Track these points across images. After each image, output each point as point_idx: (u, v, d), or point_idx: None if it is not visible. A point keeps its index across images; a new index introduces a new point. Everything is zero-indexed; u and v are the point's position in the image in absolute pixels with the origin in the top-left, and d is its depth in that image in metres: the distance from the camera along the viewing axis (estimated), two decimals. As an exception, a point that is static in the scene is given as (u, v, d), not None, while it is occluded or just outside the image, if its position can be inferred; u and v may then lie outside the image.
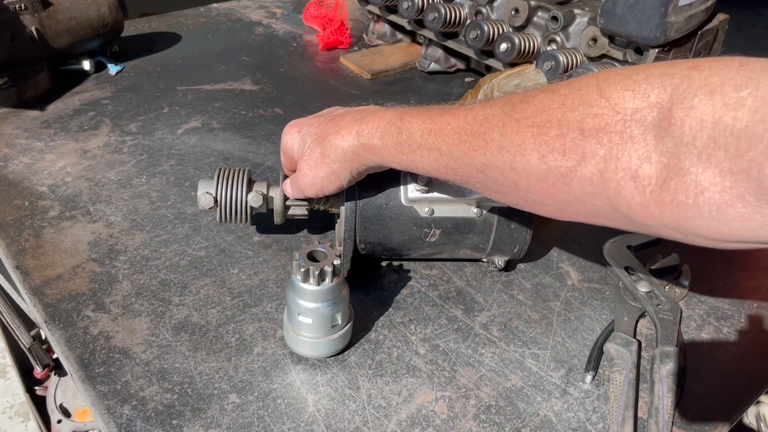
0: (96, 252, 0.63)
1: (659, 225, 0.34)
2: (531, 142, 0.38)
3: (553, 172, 0.37)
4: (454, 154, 0.43)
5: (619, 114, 0.34)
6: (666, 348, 0.54)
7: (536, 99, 0.39)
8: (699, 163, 0.31)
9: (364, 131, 0.48)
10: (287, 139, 0.55)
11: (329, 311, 0.49)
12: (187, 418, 0.47)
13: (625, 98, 0.34)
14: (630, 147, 0.34)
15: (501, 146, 0.39)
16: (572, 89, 0.37)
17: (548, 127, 0.37)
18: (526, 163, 0.38)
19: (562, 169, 0.37)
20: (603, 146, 0.35)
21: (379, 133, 0.47)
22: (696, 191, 0.31)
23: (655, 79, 0.34)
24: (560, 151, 0.36)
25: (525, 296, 0.61)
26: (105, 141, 0.81)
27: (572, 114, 0.36)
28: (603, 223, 0.40)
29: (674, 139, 0.32)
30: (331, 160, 0.50)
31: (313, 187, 0.53)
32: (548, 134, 0.37)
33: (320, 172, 0.51)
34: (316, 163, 0.51)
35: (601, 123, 0.35)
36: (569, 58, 0.80)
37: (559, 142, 0.36)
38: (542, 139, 0.37)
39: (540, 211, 0.42)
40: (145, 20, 1.19)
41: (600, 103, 0.35)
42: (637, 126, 0.33)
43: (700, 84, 0.31)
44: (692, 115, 0.31)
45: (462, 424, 0.49)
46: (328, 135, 0.50)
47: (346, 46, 1.13)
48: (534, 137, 0.38)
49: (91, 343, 0.53)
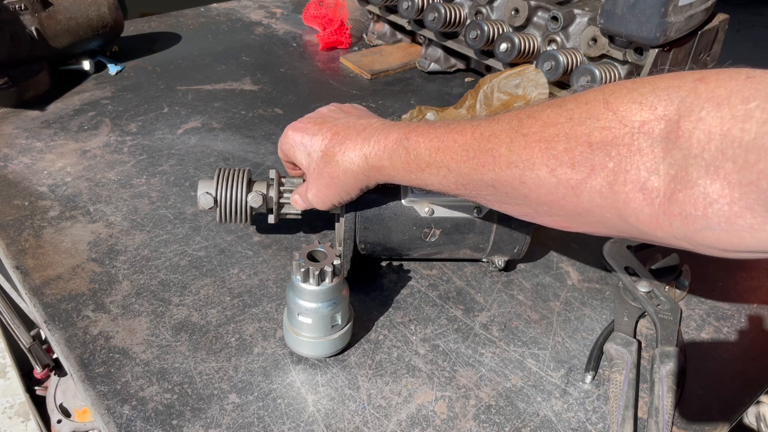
0: (96, 252, 0.63)
1: (669, 236, 0.35)
2: (539, 156, 0.38)
3: (563, 185, 0.37)
4: (462, 170, 0.43)
5: (627, 127, 0.34)
6: (666, 348, 0.54)
7: (543, 114, 0.39)
8: (707, 175, 0.31)
9: (371, 154, 0.48)
10: (288, 148, 0.55)
11: (329, 311, 0.49)
12: (187, 418, 0.47)
13: (632, 111, 0.34)
14: (638, 159, 0.34)
15: (509, 161, 0.39)
16: (579, 103, 0.37)
17: (556, 141, 0.37)
18: (535, 177, 0.38)
19: (572, 181, 0.37)
20: (611, 159, 0.35)
21: (387, 155, 0.47)
22: (705, 203, 0.31)
23: (661, 91, 0.34)
24: (569, 164, 0.37)
25: (525, 296, 0.61)
26: (105, 141, 0.81)
27: (580, 128, 0.36)
28: (612, 234, 0.40)
29: (682, 151, 0.32)
30: (342, 182, 0.51)
31: (324, 204, 0.54)
32: (556, 148, 0.37)
33: (331, 191, 0.52)
34: (327, 183, 0.52)
35: (608, 136, 0.35)
36: (569, 58, 0.80)
37: (567, 155, 0.37)
38: (551, 153, 0.37)
39: (549, 222, 0.42)
40: (145, 20, 1.19)
41: (607, 116, 0.35)
42: (645, 138, 0.34)
43: (707, 96, 0.31)
44: (700, 127, 0.31)
45: (462, 424, 0.49)
46: (335, 155, 0.50)
47: (346, 46, 1.13)
48: (542, 151, 0.38)
49: (91, 343, 0.53)
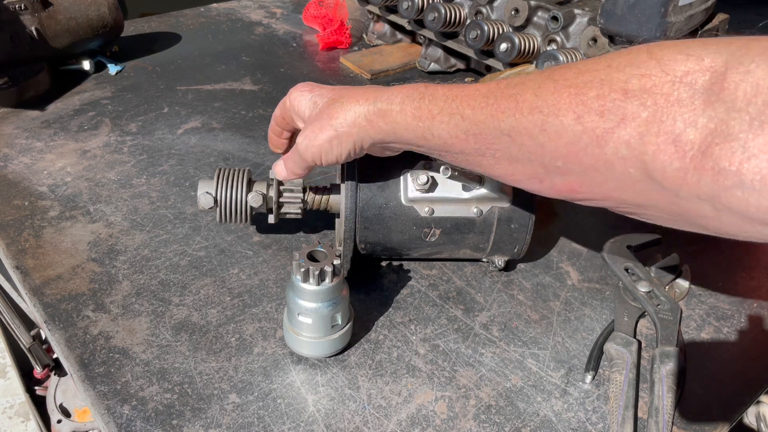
0: (96, 252, 0.63)
1: (692, 196, 0.33)
2: (567, 101, 0.36)
3: (587, 134, 0.36)
4: (478, 117, 0.41)
5: (668, 75, 0.33)
6: (666, 348, 0.54)
7: (580, 63, 0.37)
8: (750, 129, 0.30)
9: (382, 97, 0.46)
10: (295, 96, 0.52)
11: (329, 311, 0.49)
12: (187, 418, 0.47)
13: (677, 61, 0.33)
14: (676, 110, 0.32)
15: (533, 107, 0.38)
16: (620, 54, 0.36)
17: (588, 87, 0.36)
18: (558, 123, 0.37)
19: (598, 130, 0.35)
20: (646, 108, 0.33)
21: (400, 98, 0.45)
22: (742, 158, 0.30)
23: (711, 45, 0.32)
24: (598, 111, 0.35)
25: (525, 296, 0.61)
26: (105, 141, 0.81)
27: (617, 74, 0.35)
28: (625, 197, 0.38)
29: (725, 104, 0.31)
30: (339, 123, 0.47)
31: (310, 150, 0.49)
32: (587, 94, 0.36)
33: (323, 134, 0.48)
34: (322, 125, 0.48)
35: (647, 84, 0.33)
36: (569, 58, 0.80)
37: (598, 102, 0.35)
38: (580, 99, 0.36)
39: (559, 183, 0.40)
40: (145, 20, 1.19)
41: (649, 64, 0.34)
42: (686, 89, 0.32)
43: (759, 51, 0.30)
44: (748, 80, 0.30)
45: (462, 424, 0.49)
46: (342, 98, 0.48)
47: (346, 46, 1.13)
48: (571, 96, 0.36)
49: (91, 343, 0.53)
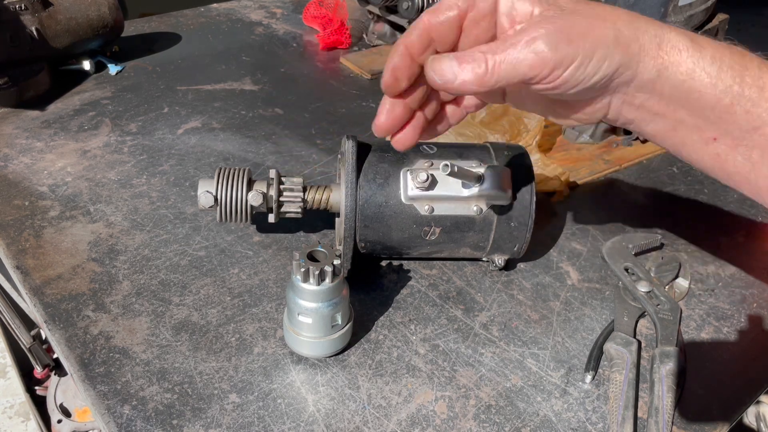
0: (96, 252, 0.63)
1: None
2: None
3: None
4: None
5: None
6: (666, 348, 0.54)
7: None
8: None
9: (652, 27, 0.35)
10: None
11: (329, 311, 0.49)
12: (187, 418, 0.47)
13: None
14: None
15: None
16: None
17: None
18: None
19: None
20: None
21: (675, 34, 0.35)
22: None
23: None
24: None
25: (525, 296, 0.61)
26: (105, 141, 0.81)
27: None
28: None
29: None
30: (578, 34, 0.33)
31: (560, 54, 0.34)
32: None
33: (563, 35, 0.34)
34: (549, 36, 0.34)
35: None
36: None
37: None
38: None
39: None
40: (145, 20, 1.19)
41: None
42: None
43: None
44: None
45: (462, 424, 0.49)
46: (599, 5, 0.35)
47: (346, 46, 1.13)
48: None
49: (91, 343, 0.53)
